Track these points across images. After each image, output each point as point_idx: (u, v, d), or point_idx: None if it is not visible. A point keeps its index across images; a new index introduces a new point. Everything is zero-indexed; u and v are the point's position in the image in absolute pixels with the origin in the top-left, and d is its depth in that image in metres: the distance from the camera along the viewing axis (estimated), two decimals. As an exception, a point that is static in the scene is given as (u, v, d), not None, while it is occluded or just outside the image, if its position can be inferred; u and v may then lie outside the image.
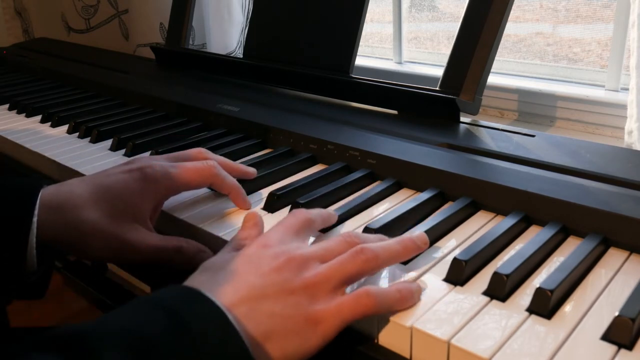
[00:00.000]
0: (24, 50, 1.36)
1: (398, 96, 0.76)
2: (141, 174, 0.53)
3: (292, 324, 0.39)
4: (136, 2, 1.27)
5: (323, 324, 0.39)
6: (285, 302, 0.39)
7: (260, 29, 0.95)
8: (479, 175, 0.55)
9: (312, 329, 0.39)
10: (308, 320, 0.39)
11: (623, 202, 0.48)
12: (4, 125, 0.88)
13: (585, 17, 0.94)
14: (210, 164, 0.56)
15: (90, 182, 0.53)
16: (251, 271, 0.41)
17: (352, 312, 0.40)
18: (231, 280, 0.40)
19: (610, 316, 0.39)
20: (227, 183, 0.56)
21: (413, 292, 0.42)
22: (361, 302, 0.40)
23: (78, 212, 0.50)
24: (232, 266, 0.42)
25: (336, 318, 0.39)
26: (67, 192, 0.51)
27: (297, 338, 0.39)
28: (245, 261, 0.42)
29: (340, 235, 0.45)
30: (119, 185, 0.52)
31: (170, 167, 0.54)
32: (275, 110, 0.79)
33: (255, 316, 0.38)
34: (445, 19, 1.17)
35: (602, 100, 0.85)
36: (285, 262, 0.41)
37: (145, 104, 0.92)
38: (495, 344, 0.37)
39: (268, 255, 0.42)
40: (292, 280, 0.40)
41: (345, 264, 0.42)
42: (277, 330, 0.38)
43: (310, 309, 0.39)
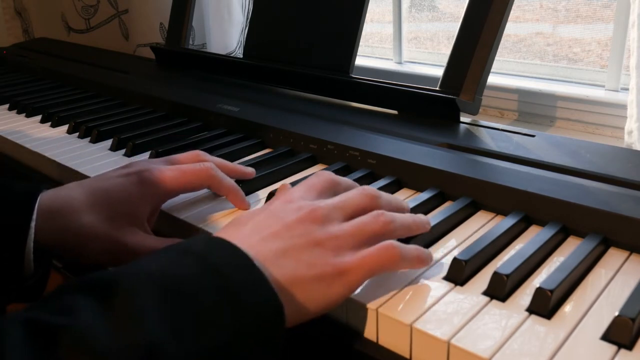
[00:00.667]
0: (24, 50, 1.36)
1: (398, 96, 0.76)
2: (139, 178, 0.53)
3: (318, 271, 0.40)
4: (136, 2, 1.27)
5: (348, 275, 0.40)
6: (311, 251, 0.40)
7: (260, 29, 0.95)
8: (479, 175, 0.55)
9: (337, 278, 0.40)
10: (335, 269, 0.40)
11: (623, 202, 0.48)
12: (4, 125, 0.88)
13: (585, 17, 0.94)
14: (207, 165, 0.56)
15: (88, 186, 0.53)
16: (277, 222, 0.42)
17: (377, 263, 0.41)
18: (257, 230, 0.41)
19: (610, 316, 0.39)
20: (224, 185, 0.57)
21: (428, 255, 0.44)
22: (386, 252, 0.41)
23: (76, 216, 0.50)
24: (257, 219, 0.43)
25: (362, 268, 0.41)
26: (64, 197, 0.51)
27: (323, 285, 0.40)
28: (270, 214, 0.43)
29: (357, 189, 0.47)
30: (116, 189, 0.52)
31: (167, 170, 0.55)
32: (275, 110, 0.79)
33: (281, 262, 0.39)
34: (445, 19, 1.17)
35: (602, 100, 0.85)
36: (308, 213, 0.42)
37: (145, 104, 0.92)
38: (495, 344, 0.37)
39: (292, 208, 0.43)
40: (317, 232, 0.41)
41: (368, 224, 0.43)
42: (303, 276, 0.39)
43: (336, 259, 0.40)
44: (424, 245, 0.49)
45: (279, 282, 0.38)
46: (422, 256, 0.44)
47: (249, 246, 0.39)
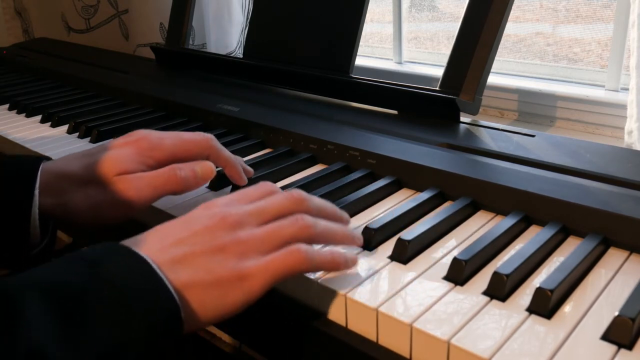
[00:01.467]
0: (24, 50, 1.36)
1: (398, 96, 0.76)
2: (136, 144, 0.55)
3: (215, 277, 0.39)
4: (136, 2, 1.27)
5: (249, 280, 0.40)
6: (212, 257, 0.40)
7: (260, 29, 0.95)
8: (479, 175, 0.55)
9: (236, 283, 0.40)
10: (233, 275, 0.40)
11: (623, 202, 0.48)
12: (4, 125, 0.88)
13: (585, 17, 0.94)
14: (207, 136, 0.57)
15: (83, 154, 0.56)
16: (184, 229, 0.42)
17: (282, 267, 0.40)
18: (161, 237, 0.41)
19: (610, 316, 0.39)
20: (223, 156, 0.57)
21: (347, 258, 0.43)
22: (292, 257, 0.41)
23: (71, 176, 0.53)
24: (168, 226, 0.43)
25: (265, 274, 0.40)
26: (62, 164, 0.54)
27: (220, 291, 0.39)
28: (183, 221, 0.43)
29: (283, 192, 0.46)
30: (112, 156, 0.54)
31: (167, 137, 0.56)
32: (275, 110, 0.79)
33: (177, 268, 0.39)
34: (445, 19, 1.17)
35: (602, 100, 0.85)
36: (218, 220, 0.42)
37: (145, 104, 0.92)
38: (495, 343, 0.37)
39: (205, 215, 0.43)
40: (223, 238, 0.41)
41: (283, 227, 0.43)
42: (199, 281, 0.39)
43: (238, 265, 0.40)
44: (423, 245, 0.49)
45: (174, 287, 0.38)
46: (337, 260, 0.43)
47: (148, 252, 0.39)
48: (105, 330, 0.34)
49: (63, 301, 0.34)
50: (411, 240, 0.47)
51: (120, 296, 0.35)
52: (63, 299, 0.34)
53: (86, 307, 0.34)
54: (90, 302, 0.35)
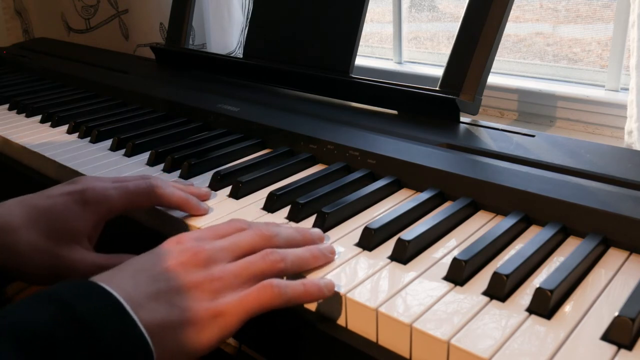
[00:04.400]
0: (24, 50, 1.36)
1: (398, 96, 0.76)
2: (80, 197, 0.53)
3: (190, 315, 0.39)
4: (136, 2, 1.27)
5: (224, 317, 0.40)
6: (186, 295, 0.40)
7: (260, 29, 0.95)
8: (479, 175, 0.55)
9: (212, 321, 0.40)
10: (208, 312, 0.40)
11: (623, 202, 0.48)
12: (4, 125, 0.88)
13: (585, 17, 0.94)
14: (152, 182, 0.55)
15: (28, 204, 0.52)
16: (157, 265, 0.41)
17: (255, 303, 0.41)
18: (133, 273, 0.40)
19: (610, 316, 0.39)
20: (173, 199, 0.55)
21: (320, 286, 0.43)
22: (264, 293, 0.41)
23: (14, 234, 0.49)
24: (140, 261, 0.42)
25: (239, 310, 0.40)
26: (3, 215, 0.50)
27: (196, 329, 0.39)
28: (154, 256, 0.42)
29: (252, 228, 0.46)
30: (57, 207, 0.52)
31: (111, 188, 0.54)
32: (275, 110, 0.79)
33: (153, 306, 0.38)
34: (445, 19, 1.17)
35: (602, 100, 0.85)
36: (191, 256, 0.42)
37: (145, 104, 0.92)
38: (495, 343, 0.37)
39: (177, 251, 0.43)
40: (196, 275, 0.41)
41: (253, 263, 0.43)
42: (174, 320, 0.39)
43: (211, 303, 0.40)
44: (423, 246, 0.49)
45: (148, 327, 0.37)
46: (310, 290, 0.43)
47: (120, 290, 0.38)
48: None
49: (32, 341, 0.33)
50: (411, 240, 0.47)
51: (90, 338, 0.34)
52: (31, 339, 0.33)
53: (55, 349, 0.33)
54: (59, 343, 0.34)
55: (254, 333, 0.50)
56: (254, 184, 0.61)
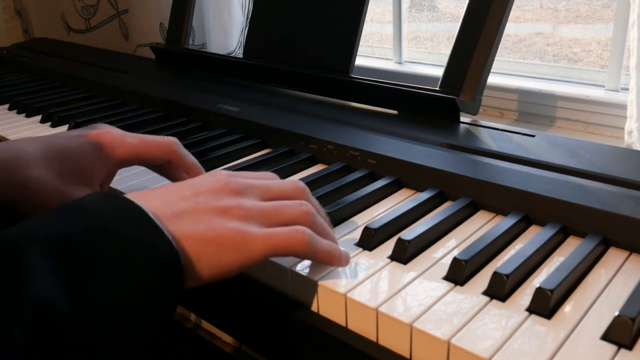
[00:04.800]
0: (24, 50, 1.36)
1: (398, 96, 0.76)
2: (98, 139, 0.52)
3: (216, 234, 0.39)
4: (136, 2, 1.27)
5: (250, 244, 0.39)
6: (213, 216, 0.40)
7: (260, 29, 0.95)
8: (479, 175, 0.55)
9: (236, 245, 0.39)
10: (235, 235, 0.39)
11: (623, 202, 0.48)
12: (4, 125, 0.88)
13: (585, 17, 0.94)
14: (172, 140, 0.55)
15: (43, 142, 0.52)
16: (188, 188, 0.41)
17: (284, 242, 0.40)
18: (164, 194, 0.41)
19: (610, 316, 0.39)
20: (187, 161, 0.55)
21: (342, 255, 0.44)
22: (295, 235, 0.41)
23: (25, 168, 0.49)
24: (171, 185, 0.42)
25: (266, 243, 0.40)
26: (16, 150, 0.50)
27: (218, 248, 0.39)
28: (187, 183, 0.42)
29: (287, 180, 0.46)
30: (72, 146, 0.51)
31: (129, 136, 0.54)
32: (275, 110, 0.79)
33: (178, 220, 0.38)
34: (445, 19, 1.17)
35: (602, 100, 0.85)
36: (223, 185, 0.42)
37: (145, 104, 0.92)
38: (495, 343, 0.37)
39: (209, 179, 0.43)
40: (226, 202, 0.41)
41: (288, 207, 0.43)
42: (199, 235, 0.38)
43: (241, 227, 0.40)
44: (423, 246, 0.49)
45: (175, 237, 0.37)
46: (333, 253, 0.43)
47: (148, 205, 0.38)
48: (108, 278, 0.34)
49: (65, 252, 0.33)
50: (411, 240, 0.47)
51: (120, 244, 0.35)
52: (65, 250, 0.34)
53: (88, 257, 0.34)
54: (91, 251, 0.34)
55: (254, 333, 0.50)
56: (254, 184, 0.61)
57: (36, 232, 0.35)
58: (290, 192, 0.45)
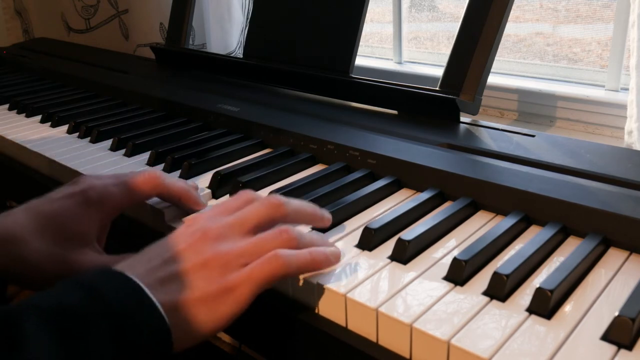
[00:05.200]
0: (24, 50, 1.36)
1: (398, 96, 0.76)
2: (84, 198, 0.52)
3: (202, 293, 0.41)
4: (136, 2, 1.27)
5: (236, 291, 0.41)
6: (196, 273, 0.41)
7: (260, 29, 0.95)
8: (479, 175, 0.55)
9: (223, 296, 0.41)
10: (219, 289, 0.41)
11: (623, 202, 0.48)
12: (4, 125, 0.88)
13: (585, 17, 0.94)
14: (151, 173, 0.55)
15: (33, 211, 0.51)
16: (169, 250, 0.43)
17: (263, 274, 0.42)
18: (147, 259, 0.42)
19: (610, 316, 0.39)
20: (174, 190, 0.55)
21: (327, 254, 0.44)
22: (270, 263, 0.42)
23: (22, 244, 0.49)
24: (153, 247, 0.44)
25: (249, 283, 0.41)
26: (9, 225, 0.50)
27: (209, 306, 0.41)
28: (166, 243, 0.44)
29: (261, 199, 0.47)
30: (62, 211, 0.51)
31: (112, 185, 0.53)
32: (275, 110, 0.79)
33: (166, 288, 0.40)
34: (445, 19, 1.17)
35: (602, 100, 0.85)
36: (200, 236, 0.43)
37: (145, 104, 0.92)
38: (495, 343, 0.37)
39: (187, 233, 0.44)
40: (205, 253, 0.42)
41: (269, 240, 0.44)
42: (187, 299, 0.40)
43: (222, 279, 0.41)
44: (423, 246, 0.49)
45: (164, 308, 0.39)
46: (317, 258, 0.44)
47: (136, 275, 0.40)
48: (103, 351, 0.36)
49: (62, 322, 0.35)
50: (411, 240, 0.47)
51: (115, 317, 0.37)
52: (62, 321, 0.35)
53: (83, 328, 0.36)
54: (87, 323, 0.36)
55: (254, 333, 0.50)
56: (254, 184, 0.61)
57: (35, 303, 0.36)
58: (266, 212, 0.46)
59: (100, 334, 0.36)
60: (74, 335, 0.35)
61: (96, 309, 0.37)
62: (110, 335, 0.36)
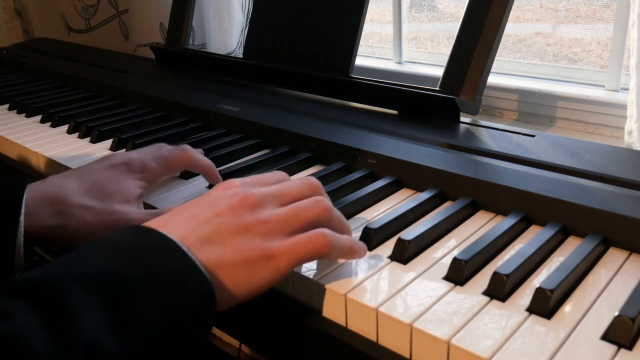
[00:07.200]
0: (24, 50, 1.36)
1: (398, 96, 0.76)
2: (127, 167, 0.56)
3: (243, 256, 0.40)
4: (136, 2, 1.27)
5: (276, 259, 0.41)
6: (238, 236, 0.41)
7: (260, 29, 0.95)
8: (479, 175, 0.55)
9: (264, 263, 0.41)
10: (261, 254, 0.41)
11: (623, 202, 0.48)
12: (4, 125, 0.88)
13: (585, 17, 0.94)
14: (184, 148, 0.60)
15: (76, 176, 0.55)
16: (208, 210, 0.43)
17: (306, 249, 0.42)
18: (187, 218, 0.42)
19: (610, 316, 0.39)
20: (202, 164, 0.60)
21: (361, 247, 0.46)
22: (316, 240, 0.42)
23: (70, 197, 0.52)
24: (191, 207, 0.43)
25: (290, 254, 0.41)
26: (55, 185, 0.53)
27: (249, 269, 0.40)
28: (204, 202, 0.44)
29: (299, 179, 0.47)
30: (105, 176, 0.55)
31: (150, 159, 0.58)
32: (275, 110, 0.79)
33: (206, 248, 0.40)
34: (445, 19, 1.17)
35: (602, 100, 0.85)
36: (240, 200, 0.43)
37: (145, 104, 0.92)
38: (495, 343, 0.37)
39: (226, 196, 0.44)
40: (246, 218, 0.42)
41: (304, 209, 0.44)
42: (228, 260, 0.40)
43: (264, 244, 0.41)
44: (423, 246, 0.49)
45: (205, 267, 0.39)
46: (355, 247, 0.45)
47: (176, 234, 0.40)
48: (150, 316, 0.35)
49: (108, 292, 0.35)
50: (411, 240, 0.47)
51: (158, 280, 0.36)
52: (107, 290, 0.35)
53: (129, 295, 0.35)
54: (132, 290, 0.35)
55: (254, 333, 0.50)
56: (254, 184, 0.61)
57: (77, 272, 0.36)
58: (306, 191, 0.46)
59: (144, 300, 0.35)
60: (120, 305, 0.35)
61: (136, 274, 0.36)
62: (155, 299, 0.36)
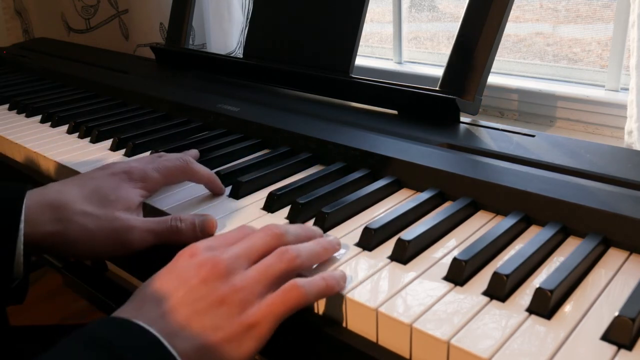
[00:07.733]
0: (24, 50, 1.36)
1: (398, 96, 0.76)
2: (127, 176, 0.56)
3: (225, 334, 0.40)
4: (136, 2, 1.27)
5: (258, 327, 0.40)
6: (216, 314, 0.40)
7: (260, 29, 0.95)
8: (479, 175, 0.55)
9: (247, 334, 0.40)
10: (241, 326, 0.40)
11: (623, 202, 0.48)
12: (4, 125, 0.88)
13: (585, 17, 0.94)
14: (185, 159, 0.60)
15: (76, 183, 0.55)
16: (180, 286, 0.41)
17: (284, 306, 0.41)
18: (161, 301, 0.41)
19: (610, 316, 0.39)
20: (202, 174, 0.60)
21: (337, 279, 0.44)
22: (290, 295, 0.41)
23: (71, 204, 0.51)
24: (161, 286, 0.42)
25: (269, 317, 0.41)
26: (55, 192, 0.53)
27: (233, 345, 0.40)
28: (174, 277, 0.42)
29: (261, 230, 0.46)
30: (107, 183, 0.55)
31: (151, 169, 0.58)
32: (275, 110, 0.79)
33: (187, 334, 0.39)
34: (445, 19, 1.17)
35: (602, 100, 0.85)
36: (210, 269, 0.42)
37: (145, 104, 0.92)
38: (495, 343, 0.37)
39: (194, 265, 0.42)
40: (220, 289, 0.41)
41: (272, 265, 0.43)
42: (212, 342, 0.39)
43: (242, 315, 0.40)
44: (423, 246, 0.49)
45: (188, 355, 0.38)
46: (331, 284, 0.43)
47: (152, 323, 0.38)
48: None
49: None
50: (411, 240, 0.47)
51: None
52: None
53: None
54: None
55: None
56: (254, 184, 0.61)
57: None
58: (271, 242, 0.45)
59: None
60: None
61: None
62: None
